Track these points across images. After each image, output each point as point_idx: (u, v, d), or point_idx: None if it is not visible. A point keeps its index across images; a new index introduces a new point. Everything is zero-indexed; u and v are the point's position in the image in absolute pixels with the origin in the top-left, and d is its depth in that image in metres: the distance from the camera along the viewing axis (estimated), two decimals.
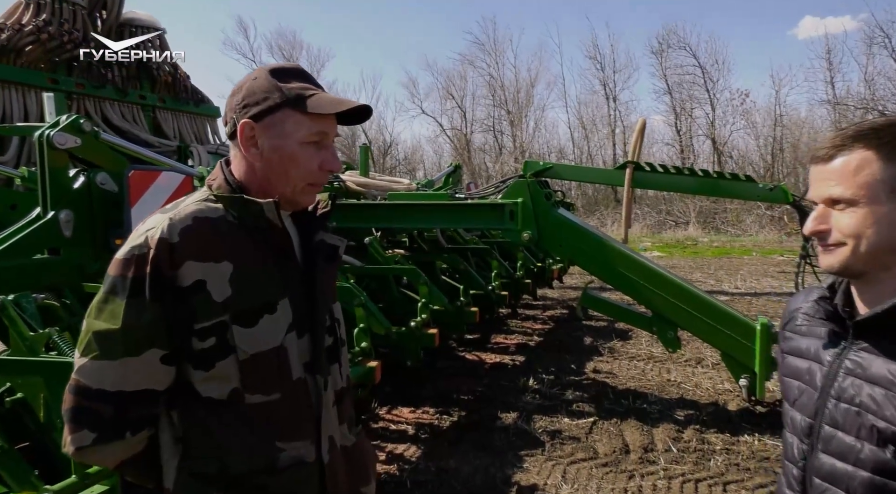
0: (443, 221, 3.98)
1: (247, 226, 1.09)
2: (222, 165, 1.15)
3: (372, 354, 3.08)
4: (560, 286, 8.78)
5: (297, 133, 1.09)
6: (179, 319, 1.02)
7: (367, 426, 3.87)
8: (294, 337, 1.11)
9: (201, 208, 1.08)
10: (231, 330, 1.04)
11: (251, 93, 1.10)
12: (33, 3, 5.03)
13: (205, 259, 1.03)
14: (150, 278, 1.00)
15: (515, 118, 28.06)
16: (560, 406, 4.21)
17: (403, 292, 4.12)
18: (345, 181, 4.52)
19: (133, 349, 1.00)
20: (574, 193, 23.86)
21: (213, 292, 1.02)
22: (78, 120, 2.68)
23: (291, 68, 1.15)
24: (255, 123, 1.09)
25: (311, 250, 1.19)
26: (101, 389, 1.00)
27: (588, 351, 5.68)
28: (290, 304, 1.11)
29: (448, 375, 4.91)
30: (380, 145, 30.42)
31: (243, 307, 1.05)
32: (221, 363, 1.04)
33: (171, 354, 1.04)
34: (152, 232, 1.02)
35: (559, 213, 3.91)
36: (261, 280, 1.08)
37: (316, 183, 1.14)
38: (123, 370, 1.00)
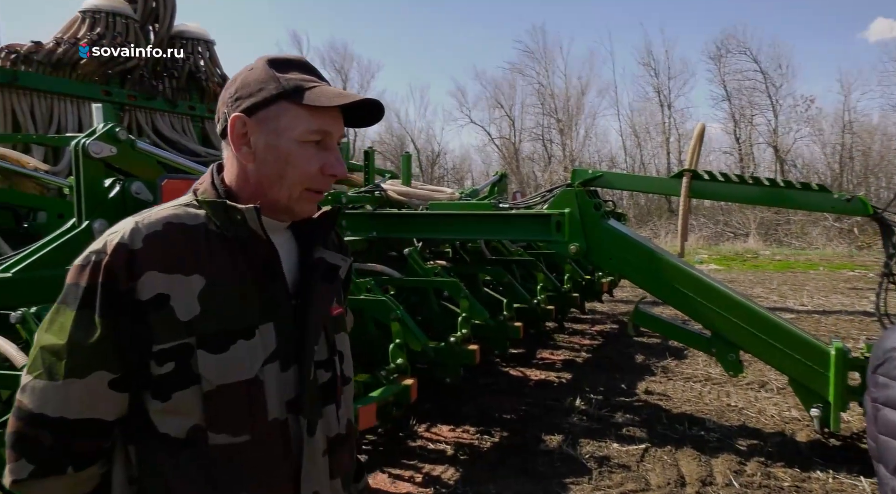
0: (485, 232, 3.81)
1: (230, 237, 0.94)
2: (213, 169, 1.01)
3: (408, 371, 2.93)
4: (610, 300, 8.43)
5: (295, 130, 0.95)
6: (136, 338, 0.87)
7: (405, 444, 3.72)
8: (275, 370, 0.95)
9: (178, 212, 0.94)
10: (195, 355, 0.88)
11: (245, 84, 0.96)
12: (88, 17, 5.18)
13: (171, 270, 0.88)
14: (102, 288, 0.86)
15: (565, 126, 27.64)
16: (609, 430, 3.95)
17: (444, 305, 3.97)
18: (386, 190, 4.41)
19: (78, 369, 0.86)
20: (626, 203, 23.25)
21: (177, 308, 0.88)
22: (113, 129, 2.67)
23: (294, 59, 1.00)
24: (247, 117, 0.95)
25: (309, 269, 1.03)
26: (42, 414, 0.86)
27: (640, 370, 5.37)
28: (274, 330, 0.95)
29: (490, 392, 4.71)
30: (428, 155, 30.56)
31: (213, 329, 0.90)
32: (180, 394, 0.88)
33: (121, 379, 0.88)
34: (113, 236, 0.89)
35: (609, 224, 3.68)
36: (238, 300, 0.93)
37: (316, 189, 0.99)
38: (66, 394, 0.86)
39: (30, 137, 4.19)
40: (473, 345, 3.53)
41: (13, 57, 4.62)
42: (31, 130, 4.67)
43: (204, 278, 0.90)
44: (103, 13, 5.23)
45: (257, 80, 0.96)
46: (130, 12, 5.51)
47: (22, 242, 2.98)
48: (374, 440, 3.73)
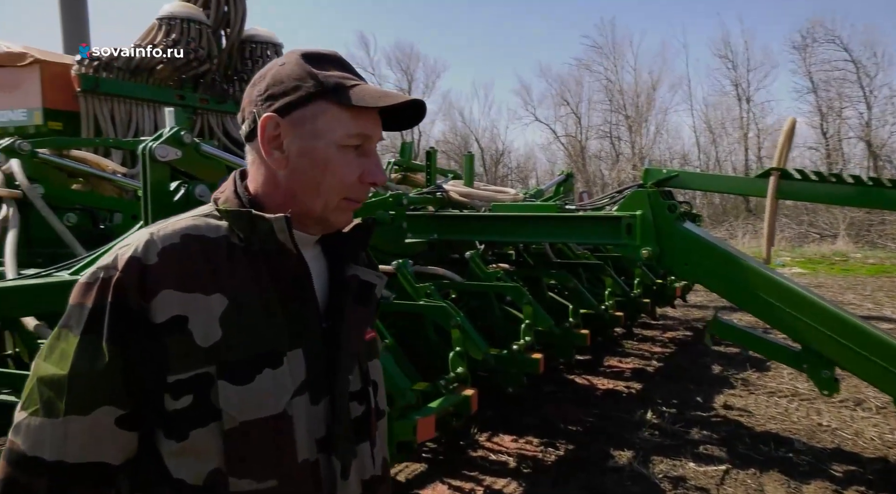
0: (550, 234, 3.63)
1: (255, 251, 0.84)
2: (236, 175, 0.91)
3: (468, 380, 2.81)
4: (683, 305, 8.01)
5: (335, 132, 0.84)
6: (148, 367, 0.76)
7: (466, 454, 3.61)
8: (305, 403, 0.84)
9: (197, 223, 0.84)
10: (216, 387, 0.77)
11: (277, 81, 0.86)
12: (164, 24, 5.37)
13: (189, 289, 0.78)
14: (112, 310, 0.75)
15: (634, 123, 26.75)
16: (684, 447, 3.69)
17: (506, 310, 3.82)
18: (448, 191, 4.31)
19: (80, 404, 0.75)
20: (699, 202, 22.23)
21: (195, 332, 0.77)
22: (179, 133, 2.69)
23: (329, 54, 0.90)
24: (280, 118, 0.85)
25: (340, 288, 0.92)
26: (38, 457, 0.74)
27: (717, 382, 5.03)
28: (303, 357, 0.85)
29: (554, 401, 4.53)
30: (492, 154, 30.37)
31: (236, 357, 0.79)
32: (199, 433, 0.77)
33: (130, 415, 0.77)
34: (125, 250, 0.79)
35: (685, 227, 3.42)
36: (264, 322, 0.82)
37: (354, 198, 0.88)
38: (65, 433, 0.75)
39: (107, 140, 4.37)
40: (537, 353, 3.37)
41: (95, 64, 4.84)
42: (111, 135, 4.87)
43: (226, 297, 0.80)
44: (178, 20, 5.40)
45: (292, 76, 0.85)
46: (204, 18, 5.66)
47: (98, 243, 3.08)
48: (435, 448, 3.64)
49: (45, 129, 4.83)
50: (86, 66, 4.79)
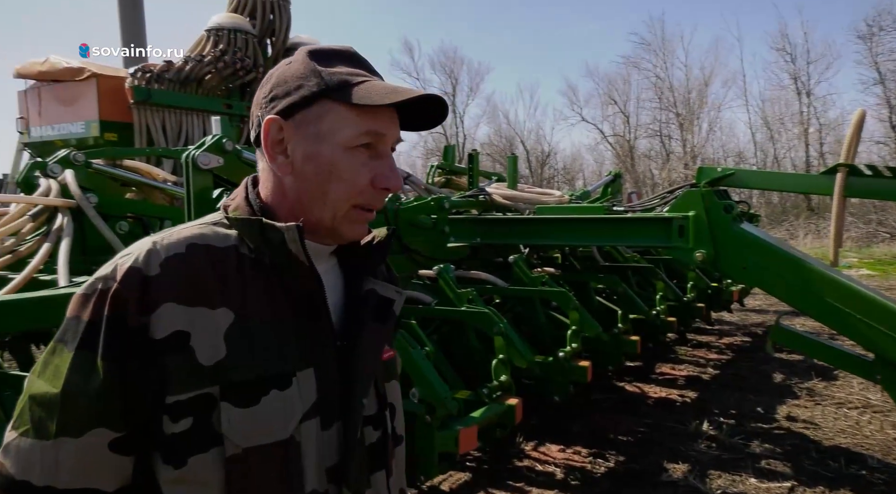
0: (597, 237, 3.49)
1: (265, 263, 0.78)
2: (248, 182, 0.86)
3: (512, 389, 2.72)
4: (740, 310, 7.65)
5: (341, 133, 0.78)
6: (146, 387, 0.70)
7: (511, 463, 3.51)
8: (315, 428, 0.77)
9: (205, 232, 0.78)
10: (219, 409, 0.71)
11: (281, 81, 0.80)
12: (213, 35, 5.50)
13: (193, 302, 0.72)
14: (109, 325, 0.69)
15: (686, 121, 25.95)
16: (744, 462, 3.49)
17: (552, 316, 3.70)
18: (491, 194, 4.23)
19: (72, 425, 0.69)
20: (756, 201, 21.35)
21: (198, 350, 0.71)
22: (220, 141, 2.72)
23: (340, 50, 0.83)
24: (283, 120, 0.79)
25: (357, 304, 0.86)
26: (26, 482, 0.69)
27: (779, 391, 4.75)
28: (315, 378, 0.78)
29: (604, 409, 4.37)
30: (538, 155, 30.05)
31: (241, 377, 0.72)
32: (198, 459, 0.70)
33: (125, 438, 0.71)
34: (125, 260, 0.73)
35: (742, 228, 3.22)
36: (273, 340, 0.76)
37: (366, 206, 0.81)
38: (56, 457, 0.69)
39: (157, 150, 4.49)
40: (584, 361, 3.25)
41: (147, 76, 5.00)
42: (162, 144, 5.02)
43: (232, 312, 0.74)
44: (225, 30, 5.53)
45: (296, 75, 0.80)
46: (250, 28, 5.78)
47: None
48: (479, 456, 3.56)
49: (102, 140, 5.02)
50: (138, 78, 4.95)
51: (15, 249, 2.66)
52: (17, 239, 2.71)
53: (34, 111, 5.59)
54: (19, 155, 5.89)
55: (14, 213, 2.83)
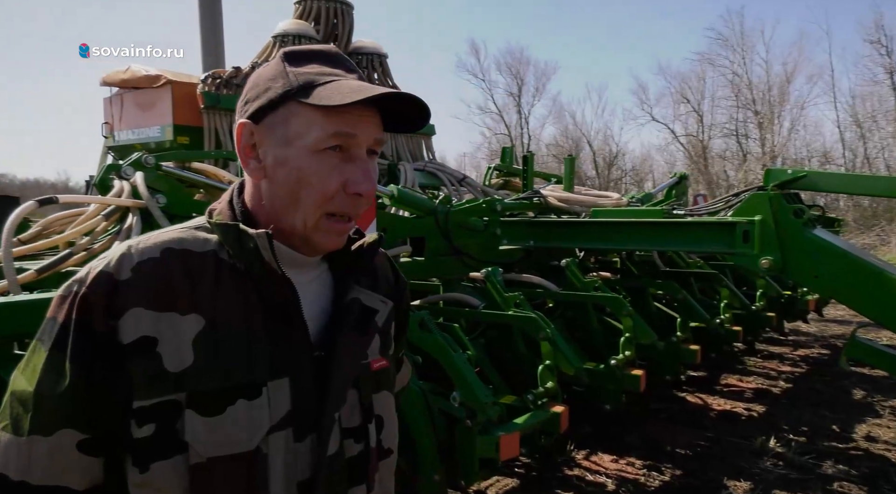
0: (654, 241, 3.36)
1: (243, 270, 0.78)
2: (235, 187, 0.85)
3: (559, 396, 2.66)
4: (819, 320, 7.18)
5: (307, 137, 0.75)
6: (112, 391, 0.70)
7: (561, 471, 3.44)
8: (286, 439, 0.75)
9: (184, 236, 0.78)
10: (184, 417, 0.70)
11: (254, 84, 0.80)
12: (279, 42, 5.71)
13: (162, 307, 0.72)
14: (76, 329, 0.70)
15: (765, 120, 24.61)
16: (814, 483, 3.26)
17: (606, 322, 3.60)
18: (545, 196, 4.16)
19: (43, 424, 0.70)
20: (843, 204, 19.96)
21: (165, 356, 0.71)
22: None
23: (317, 50, 0.81)
24: (254, 124, 0.78)
25: (339, 314, 0.84)
26: (4, 474, 0.70)
27: (858, 409, 4.42)
28: (289, 389, 0.76)
29: (661, 420, 4.20)
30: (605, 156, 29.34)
31: (207, 385, 0.71)
32: (160, 466, 0.70)
33: (92, 440, 0.71)
34: (97, 263, 0.74)
35: (815, 234, 3.02)
36: (244, 349, 0.74)
37: (339, 212, 0.79)
38: (29, 454, 0.70)
39: (222, 153, 4.70)
40: (638, 370, 3.13)
41: (217, 82, 5.24)
42: (229, 147, 5.25)
43: (203, 319, 0.73)
44: (291, 36, 5.72)
45: (266, 77, 0.79)
46: (314, 34, 5.95)
47: None
48: (528, 463, 3.50)
49: (175, 143, 5.31)
50: (208, 84, 5.20)
51: (89, 247, 2.84)
52: (92, 237, 2.90)
53: (117, 117, 5.99)
54: (104, 158, 6.32)
55: (90, 212, 3.03)
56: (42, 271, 2.59)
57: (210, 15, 11.37)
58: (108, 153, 6.23)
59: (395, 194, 3.20)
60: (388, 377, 0.92)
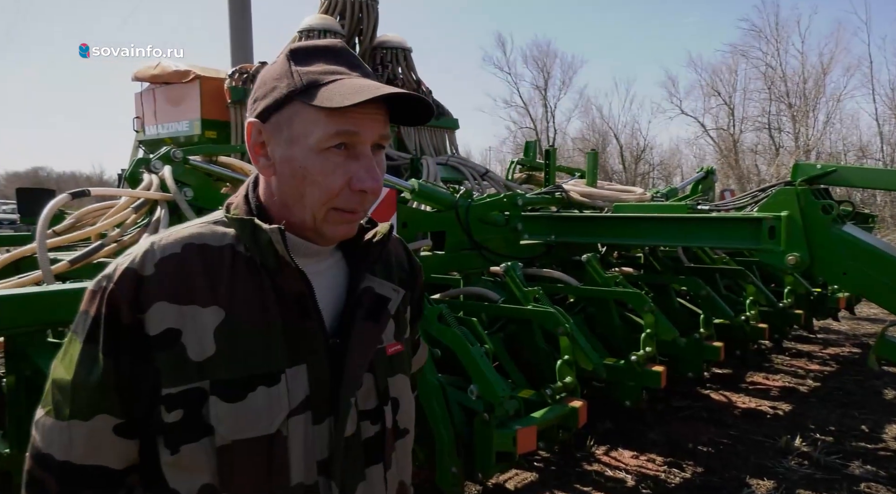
0: (676, 237, 3.32)
1: (260, 263, 0.81)
2: (250, 182, 0.89)
3: (577, 391, 2.66)
4: (850, 318, 7.01)
5: (311, 136, 0.78)
6: (141, 380, 0.76)
7: (581, 466, 3.43)
8: (305, 422, 0.80)
9: (203, 231, 0.82)
10: (208, 403, 0.76)
11: (260, 82, 0.83)
12: (304, 36, 5.77)
13: (184, 301, 0.76)
14: (105, 322, 0.75)
15: (799, 113, 23.98)
16: (840, 483, 3.20)
17: (628, 318, 3.57)
18: (567, 191, 4.14)
19: (81, 410, 0.76)
20: (881, 200, 19.37)
21: (189, 346, 0.76)
22: None
23: (324, 47, 0.83)
24: (262, 123, 0.81)
25: (352, 302, 0.87)
26: (49, 455, 0.77)
27: (889, 409, 4.32)
28: (306, 375, 0.81)
29: (683, 417, 4.16)
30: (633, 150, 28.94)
31: (229, 373, 0.76)
32: (189, 448, 0.76)
33: (127, 424, 0.78)
34: (123, 260, 0.79)
35: (844, 230, 2.96)
36: (262, 338, 0.79)
37: (344, 208, 0.81)
38: (70, 436, 0.77)
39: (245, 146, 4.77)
40: (659, 366, 3.11)
41: (244, 77, 5.33)
42: None
43: (223, 310, 0.78)
44: (316, 31, 5.77)
45: (272, 76, 0.82)
46: (339, 28, 6.00)
47: None
48: (547, 457, 3.51)
49: (203, 138, 5.42)
50: (235, 79, 5.28)
51: (119, 239, 2.93)
52: (122, 230, 2.99)
53: (148, 112, 6.13)
54: (136, 152, 6.49)
55: (120, 205, 3.12)
56: (75, 262, 2.68)
57: (239, 9, 11.51)
58: (140, 147, 6.38)
59: (415, 188, 3.22)
60: (402, 360, 0.95)
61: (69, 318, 0.81)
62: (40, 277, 2.49)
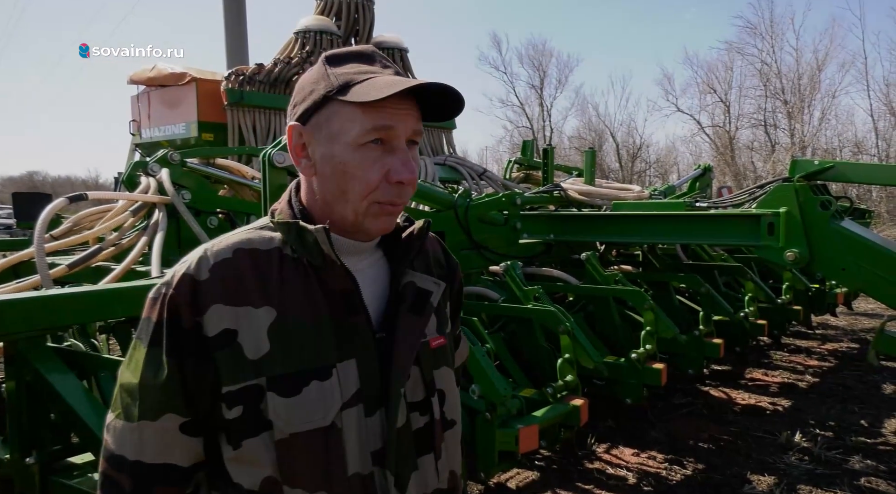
0: (676, 234, 3.33)
1: (306, 263, 0.85)
2: (292, 187, 0.92)
3: (578, 390, 2.66)
4: (849, 313, 7.02)
5: (349, 133, 0.82)
6: (203, 380, 0.80)
7: (582, 465, 3.44)
8: (358, 415, 0.84)
9: (251, 237, 0.86)
10: (265, 398, 0.80)
11: (300, 87, 0.87)
12: (300, 37, 5.77)
13: (239, 302, 0.81)
14: (167, 326, 0.80)
15: (794, 109, 24.03)
16: (840, 478, 3.21)
17: (628, 315, 3.58)
18: (566, 189, 4.14)
19: (149, 411, 0.81)
20: (876, 195, 19.44)
21: (245, 345, 0.80)
22: None
23: (356, 51, 0.87)
24: (302, 126, 0.85)
25: (395, 297, 0.90)
26: (122, 456, 0.82)
27: (889, 404, 4.32)
28: (357, 369, 0.84)
29: (684, 414, 4.17)
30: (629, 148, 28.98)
31: (284, 369, 0.81)
32: (250, 443, 0.80)
33: (192, 422, 0.82)
34: (180, 267, 0.84)
35: (842, 226, 2.96)
36: (313, 335, 0.83)
37: (384, 201, 0.84)
38: (140, 437, 0.82)
39: (244, 149, 4.78)
40: (659, 363, 3.11)
41: (240, 79, 5.32)
42: (252, 143, 5.33)
43: (275, 310, 0.82)
44: (312, 32, 5.78)
45: (310, 81, 0.85)
46: (335, 29, 6.00)
47: None
48: (549, 456, 3.51)
49: (200, 140, 5.41)
50: (232, 81, 5.28)
51: (118, 242, 2.92)
52: (120, 233, 2.98)
53: (144, 114, 6.13)
54: (132, 155, 6.47)
55: (118, 208, 3.11)
56: (73, 266, 2.67)
57: (234, 12, 11.51)
58: (136, 150, 6.37)
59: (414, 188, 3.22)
60: (446, 353, 0.98)
61: (68, 322, 0.84)
62: (39, 281, 2.48)
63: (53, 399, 1.83)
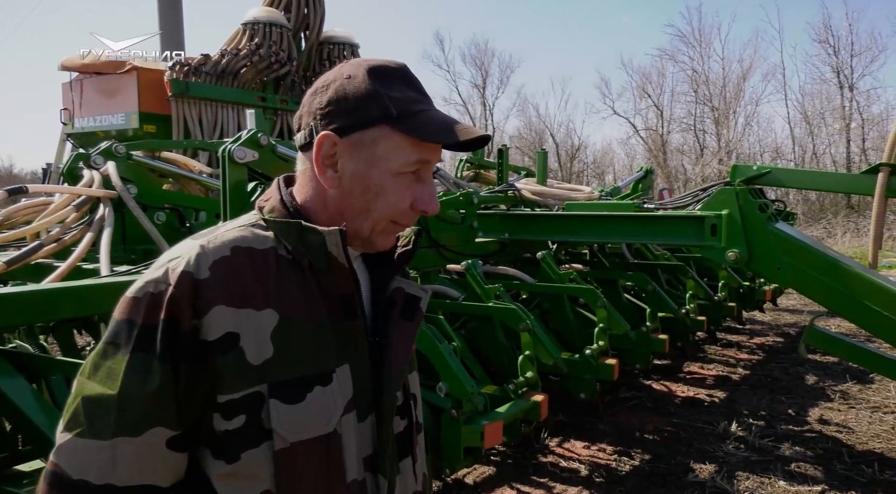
0: (627, 234, 3.47)
1: (301, 264, 0.81)
2: (280, 183, 0.89)
3: (538, 386, 2.73)
4: (773, 309, 7.50)
5: (394, 160, 0.81)
6: (198, 387, 0.73)
7: (536, 459, 3.53)
8: (353, 420, 0.82)
9: (245, 234, 0.81)
10: (268, 406, 0.74)
11: (341, 96, 0.82)
12: (248, 29, 5.59)
13: (241, 304, 0.75)
14: (164, 328, 0.72)
15: (721, 115, 25.34)
16: (774, 464, 3.44)
17: (580, 313, 3.69)
18: (519, 189, 4.22)
19: (130, 425, 0.71)
20: (793, 198, 20.79)
21: (247, 350, 0.74)
22: (256, 135, 2.77)
23: (397, 69, 0.85)
24: (338, 137, 0.81)
25: (384, 302, 0.90)
26: (84, 480, 0.70)
27: (812, 394, 4.66)
28: (350, 373, 0.82)
29: (630, 408, 4.35)
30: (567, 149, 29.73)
31: (287, 375, 0.76)
32: (250, 454, 0.74)
33: (181, 436, 0.74)
34: (175, 263, 0.75)
35: (777, 228, 3.17)
36: (314, 339, 0.80)
37: (402, 223, 0.86)
38: (114, 456, 0.70)
39: (193, 143, 4.59)
40: (611, 359, 3.24)
41: (185, 69, 5.11)
42: (198, 136, 5.13)
43: (277, 313, 0.77)
44: (261, 24, 5.61)
45: (357, 94, 0.81)
46: (285, 22, 5.85)
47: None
48: (504, 451, 3.58)
49: (141, 132, 5.15)
50: (176, 71, 5.06)
51: (60, 238, 2.76)
52: (63, 228, 2.82)
53: (77, 103, 5.77)
54: (63, 145, 6.09)
55: (59, 203, 2.93)
56: (11, 263, 2.50)
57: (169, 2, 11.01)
58: (67, 140, 6.00)
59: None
60: (414, 359, 1.01)
61: (14, 323, 0.75)
62: None
63: (1, 405, 1.72)
